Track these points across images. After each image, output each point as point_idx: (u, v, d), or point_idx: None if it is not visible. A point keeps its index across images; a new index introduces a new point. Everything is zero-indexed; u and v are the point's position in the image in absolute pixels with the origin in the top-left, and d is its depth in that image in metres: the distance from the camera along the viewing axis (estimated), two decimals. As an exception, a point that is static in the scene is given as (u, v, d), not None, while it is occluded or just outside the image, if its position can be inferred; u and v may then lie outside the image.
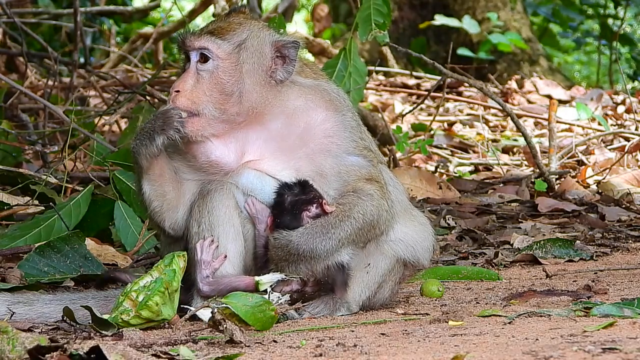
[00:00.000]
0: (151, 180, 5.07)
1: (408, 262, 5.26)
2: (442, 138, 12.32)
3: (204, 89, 5.04)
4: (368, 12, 7.48)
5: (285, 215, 4.98)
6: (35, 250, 6.13)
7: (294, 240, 4.92)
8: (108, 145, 8.26)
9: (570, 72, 24.59)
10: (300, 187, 4.99)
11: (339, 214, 4.98)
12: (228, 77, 5.05)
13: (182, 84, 5.03)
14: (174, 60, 16.16)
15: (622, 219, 8.39)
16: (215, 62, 5.05)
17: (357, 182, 5.06)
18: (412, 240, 5.24)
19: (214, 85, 5.04)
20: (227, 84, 5.04)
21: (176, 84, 5.05)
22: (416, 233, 5.27)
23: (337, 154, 5.08)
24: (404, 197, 5.34)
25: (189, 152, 5.08)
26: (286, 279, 4.94)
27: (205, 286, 5.00)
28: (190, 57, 5.07)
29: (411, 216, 5.31)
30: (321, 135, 5.08)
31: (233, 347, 4.21)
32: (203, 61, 5.05)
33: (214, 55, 5.04)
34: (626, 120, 13.22)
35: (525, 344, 4.04)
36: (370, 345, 4.17)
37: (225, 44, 5.06)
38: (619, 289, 5.59)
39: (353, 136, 5.12)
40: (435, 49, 17.20)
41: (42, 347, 3.84)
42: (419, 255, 5.25)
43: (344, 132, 5.11)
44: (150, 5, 16.55)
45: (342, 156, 5.08)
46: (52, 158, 8.80)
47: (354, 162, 5.08)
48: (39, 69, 13.51)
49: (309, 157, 5.06)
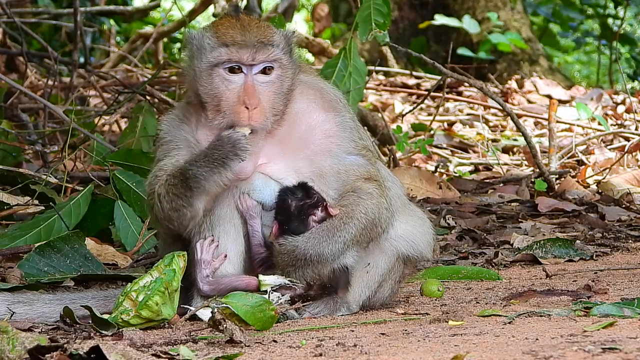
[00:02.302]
0: (208, 200, 4.97)
1: (410, 257, 5.25)
2: (442, 138, 12.32)
3: (270, 100, 4.93)
4: (368, 12, 7.48)
5: (292, 221, 4.95)
6: (35, 250, 6.13)
7: (300, 245, 4.90)
8: (108, 145, 8.26)
9: (570, 72, 24.59)
10: (303, 190, 4.98)
11: (342, 216, 4.96)
12: (287, 85, 4.98)
13: (252, 99, 4.88)
14: (174, 60, 16.15)
15: (622, 219, 8.39)
16: (278, 72, 4.95)
17: (356, 181, 5.05)
18: (412, 236, 5.23)
19: (276, 95, 4.95)
20: (286, 92, 4.98)
21: (245, 99, 4.87)
22: (415, 228, 5.25)
23: (337, 154, 5.07)
24: (402, 193, 5.33)
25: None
26: (289, 285, 4.93)
27: (206, 285, 4.99)
28: (243, 70, 4.91)
29: (409, 211, 5.30)
30: (322, 136, 5.06)
31: (233, 347, 4.21)
32: (266, 73, 4.93)
33: (279, 65, 4.94)
34: (626, 120, 13.22)
35: (525, 343, 4.04)
36: (370, 345, 4.17)
37: (285, 53, 4.97)
38: (619, 288, 5.59)
39: (352, 136, 5.11)
40: (435, 48, 17.21)
41: (42, 347, 3.84)
42: (420, 249, 5.25)
43: (343, 133, 5.10)
44: (150, 5, 16.56)
45: (341, 156, 5.07)
46: (52, 158, 8.80)
47: (353, 162, 5.07)
48: (39, 69, 13.52)
49: (309, 159, 5.05)
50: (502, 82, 15.65)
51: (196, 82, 4.98)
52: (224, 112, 4.92)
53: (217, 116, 4.94)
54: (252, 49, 4.90)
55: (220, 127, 4.93)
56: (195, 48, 4.99)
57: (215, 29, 4.98)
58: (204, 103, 4.97)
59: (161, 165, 5.05)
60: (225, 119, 4.92)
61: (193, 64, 5.00)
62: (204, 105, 4.98)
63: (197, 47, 4.98)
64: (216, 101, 4.93)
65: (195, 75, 4.98)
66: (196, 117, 5.06)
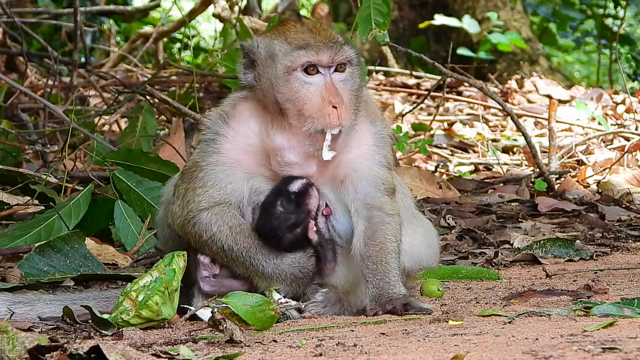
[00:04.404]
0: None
1: (414, 270, 5.29)
2: (442, 138, 12.31)
3: (349, 98, 4.92)
4: (368, 11, 7.48)
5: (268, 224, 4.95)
6: (35, 250, 6.13)
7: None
8: (108, 145, 8.26)
9: (570, 71, 24.59)
10: (297, 199, 4.97)
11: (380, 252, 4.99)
12: (359, 81, 4.99)
13: (338, 97, 4.86)
14: (174, 60, 16.16)
15: (622, 219, 8.39)
16: (350, 69, 4.94)
17: (382, 196, 5.02)
18: (417, 251, 5.29)
19: (352, 92, 4.94)
20: (358, 89, 4.99)
21: (331, 98, 4.84)
22: (421, 242, 5.30)
23: (370, 165, 5.04)
24: (411, 203, 5.36)
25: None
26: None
27: (207, 286, 5.01)
28: (320, 71, 4.89)
29: (416, 222, 5.32)
30: (361, 145, 5.05)
31: (233, 346, 4.21)
32: (340, 71, 4.92)
33: (350, 63, 4.94)
34: (626, 120, 13.22)
35: (525, 343, 4.04)
36: (370, 345, 4.17)
37: (353, 51, 4.98)
38: (619, 288, 5.59)
39: (386, 149, 5.11)
40: (435, 48, 17.20)
41: (42, 347, 3.84)
42: (425, 263, 5.32)
43: (380, 144, 5.09)
44: (150, 5, 16.57)
45: (373, 167, 5.04)
46: (52, 158, 8.80)
47: (381, 174, 5.04)
48: (39, 69, 13.52)
49: (344, 163, 5.03)
50: (502, 82, 15.65)
51: (273, 90, 4.91)
52: (310, 116, 4.86)
53: (304, 122, 4.87)
54: (329, 50, 4.88)
55: (310, 132, 4.87)
56: (264, 57, 4.94)
57: (284, 35, 4.94)
58: (283, 110, 4.89)
59: (205, 190, 5.00)
60: (315, 122, 4.86)
61: (266, 73, 4.93)
62: (283, 112, 4.90)
63: (267, 53, 4.93)
64: (299, 105, 4.87)
65: (272, 83, 4.91)
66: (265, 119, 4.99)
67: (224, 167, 4.99)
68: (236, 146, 4.99)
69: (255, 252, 4.92)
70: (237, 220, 4.96)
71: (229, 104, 5.09)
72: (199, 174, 5.01)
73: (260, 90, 4.97)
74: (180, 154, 8.14)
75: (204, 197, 4.97)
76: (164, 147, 8.35)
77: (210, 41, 19.82)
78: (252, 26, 12.71)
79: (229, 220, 4.96)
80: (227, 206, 4.96)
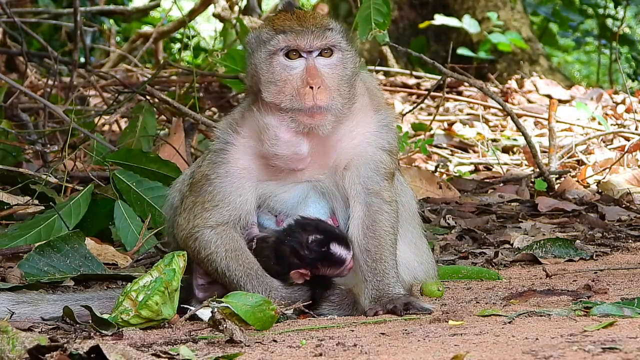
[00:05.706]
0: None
1: (410, 283, 5.33)
2: (442, 138, 12.31)
3: (334, 82, 4.95)
4: (368, 11, 7.48)
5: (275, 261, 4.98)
6: (35, 249, 6.13)
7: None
8: (108, 144, 8.26)
9: (570, 71, 24.59)
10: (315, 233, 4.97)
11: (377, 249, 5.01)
12: (351, 68, 5.01)
13: (315, 78, 4.90)
14: (174, 60, 16.16)
15: (622, 219, 8.39)
16: (338, 54, 4.97)
17: (381, 180, 5.05)
18: (413, 268, 5.32)
19: (340, 77, 4.96)
20: (350, 76, 5.00)
21: (308, 79, 4.89)
22: (415, 255, 5.34)
23: (373, 150, 5.07)
24: (412, 202, 5.38)
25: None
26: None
27: (201, 292, 5.05)
28: (303, 55, 4.93)
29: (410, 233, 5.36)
30: (365, 132, 5.08)
31: (233, 346, 4.21)
32: (326, 56, 4.96)
33: (339, 48, 4.97)
34: (626, 120, 13.22)
35: (525, 343, 4.04)
36: (370, 345, 4.17)
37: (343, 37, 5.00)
38: (619, 288, 5.59)
39: (390, 135, 5.14)
40: (435, 48, 17.20)
41: (42, 347, 3.84)
42: (421, 278, 5.36)
43: (384, 131, 5.12)
44: (150, 5, 16.56)
45: (374, 151, 5.08)
46: (52, 158, 8.80)
47: (383, 159, 5.08)
48: (39, 69, 13.52)
49: (348, 150, 5.06)
50: (502, 82, 15.65)
51: (258, 73, 4.99)
52: (289, 94, 4.91)
53: (282, 99, 4.92)
54: (309, 35, 4.93)
55: (286, 109, 4.91)
56: (254, 44, 5.03)
57: (272, 22, 5.04)
58: (263, 94, 4.95)
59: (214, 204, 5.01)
60: (293, 101, 4.91)
61: (254, 59, 5.02)
62: (262, 98, 4.96)
63: (255, 42, 5.02)
64: (280, 86, 4.93)
65: (256, 67, 5.00)
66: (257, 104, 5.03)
67: (232, 179, 5.02)
68: (245, 152, 5.02)
69: (245, 282, 4.95)
70: (235, 244, 4.98)
71: (239, 112, 5.15)
72: (208, 187, 5.04)
73: (250, 77, 5.07)
74: (180, 154, 8.14)
75: (212, 212, 5.01)
76: (164, 147, 8.35)
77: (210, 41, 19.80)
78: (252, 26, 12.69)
79: (227, 243, 4.98)
80: (229, 227, 5.00)
